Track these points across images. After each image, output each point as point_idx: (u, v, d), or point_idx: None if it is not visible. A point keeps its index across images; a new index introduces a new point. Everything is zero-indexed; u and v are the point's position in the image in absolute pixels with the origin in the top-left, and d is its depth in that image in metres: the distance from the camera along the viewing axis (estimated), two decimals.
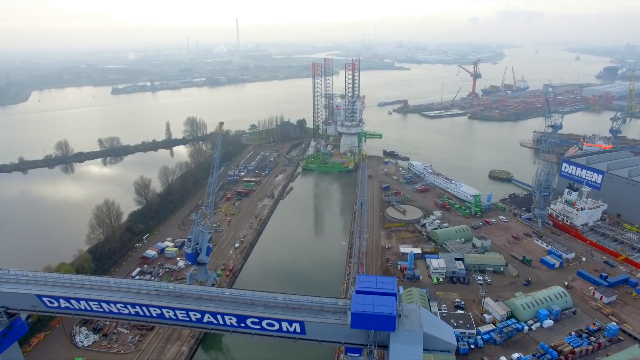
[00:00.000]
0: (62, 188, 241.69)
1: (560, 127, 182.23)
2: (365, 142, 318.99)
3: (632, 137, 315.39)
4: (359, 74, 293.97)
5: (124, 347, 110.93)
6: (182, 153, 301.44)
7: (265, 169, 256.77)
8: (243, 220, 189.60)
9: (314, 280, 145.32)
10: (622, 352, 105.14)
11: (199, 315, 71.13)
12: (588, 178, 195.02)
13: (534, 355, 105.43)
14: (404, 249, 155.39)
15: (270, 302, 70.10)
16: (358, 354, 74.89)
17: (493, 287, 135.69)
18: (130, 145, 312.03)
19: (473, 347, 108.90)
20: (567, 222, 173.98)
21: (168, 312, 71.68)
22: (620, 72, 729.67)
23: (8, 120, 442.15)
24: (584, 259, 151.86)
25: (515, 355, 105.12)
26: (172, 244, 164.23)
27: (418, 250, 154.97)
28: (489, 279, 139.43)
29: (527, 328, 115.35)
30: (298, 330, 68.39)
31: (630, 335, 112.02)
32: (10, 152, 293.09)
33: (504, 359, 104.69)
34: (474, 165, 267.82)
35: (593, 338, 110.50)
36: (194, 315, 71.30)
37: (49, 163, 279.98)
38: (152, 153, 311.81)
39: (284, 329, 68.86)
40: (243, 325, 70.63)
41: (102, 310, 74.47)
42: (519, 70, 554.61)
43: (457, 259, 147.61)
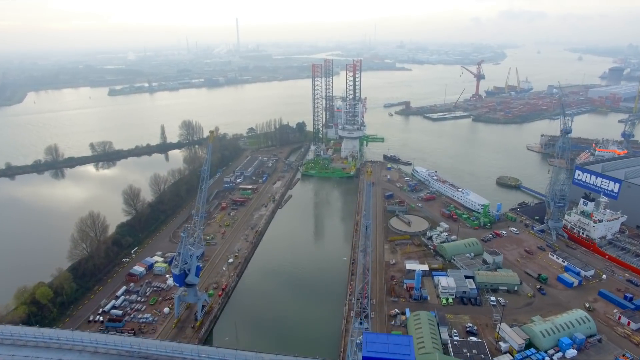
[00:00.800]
0: (48, 196, 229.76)
1: (570, 130, 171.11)
2: (367, 146, 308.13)
3: None
4: (360, 75, 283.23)
5: None
6: (177, 157, 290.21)
7: (263, 175, 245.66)
8: (238, 232, 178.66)
9: (313, 302, 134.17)
10: None
11: None
12: (604, 187, 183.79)
13: None
14: (410, 266, 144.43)
15: None
16: None
17: (507, 308, 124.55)
18: (124, 150, 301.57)
19: None
20: (583, 234, 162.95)
21: None
22: (626, 72, 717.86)
23: (0, 122, 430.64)
24: (605, 277, 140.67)
25: None
26: (161, 259, 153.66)
27: (425, 267, 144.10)
28: (502, 300, 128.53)
29: (548, 359, 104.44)
30: None
31: None
32: None
33: None
34: (480, 171, 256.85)
35: None
36: None
37: (38, 168, 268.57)
38: (146, 158, 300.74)
39: None
40: None
41: None
42: (521, 71, 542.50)
43: (467, 277, 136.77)
